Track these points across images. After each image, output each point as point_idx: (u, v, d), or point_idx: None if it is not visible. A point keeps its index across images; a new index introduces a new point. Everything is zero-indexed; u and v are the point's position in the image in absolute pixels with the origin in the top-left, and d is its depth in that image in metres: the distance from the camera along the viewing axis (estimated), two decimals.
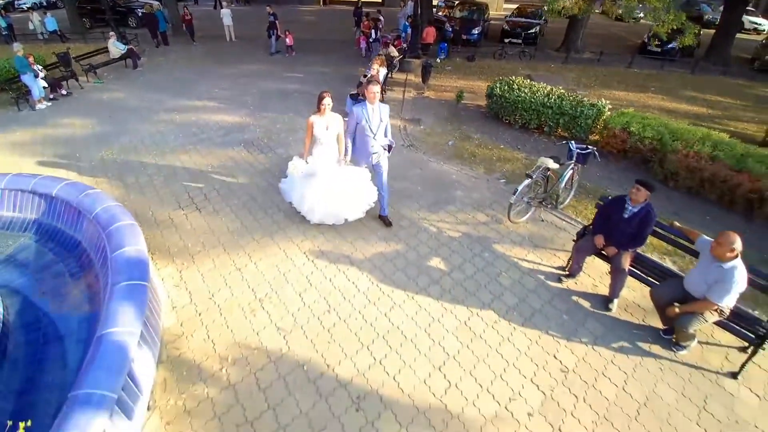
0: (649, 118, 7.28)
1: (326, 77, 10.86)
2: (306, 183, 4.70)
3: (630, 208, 4.03)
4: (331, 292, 4.10)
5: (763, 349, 3.54)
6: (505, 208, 5.24)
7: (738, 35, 15.73)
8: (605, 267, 4.39)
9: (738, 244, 3.32)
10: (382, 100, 4.71)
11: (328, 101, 4.48)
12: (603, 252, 4.16)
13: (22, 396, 3.04)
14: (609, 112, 7.50)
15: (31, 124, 7.75)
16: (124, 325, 2.90)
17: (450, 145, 7.37)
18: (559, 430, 3.05)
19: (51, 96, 9.11)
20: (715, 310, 3.49)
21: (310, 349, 3.51)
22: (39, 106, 8.60)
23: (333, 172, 4.66)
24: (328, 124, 4.54)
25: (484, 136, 7.88)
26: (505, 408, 3.16)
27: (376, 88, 4.42)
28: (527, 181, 4.82)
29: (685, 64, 14.34)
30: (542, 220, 5.37)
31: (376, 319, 3.84)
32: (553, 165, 4.94)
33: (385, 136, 4.71)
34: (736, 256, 3.36)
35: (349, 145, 4.69)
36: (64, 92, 9.78)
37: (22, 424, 1.94)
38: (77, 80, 10.26)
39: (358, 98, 7.82)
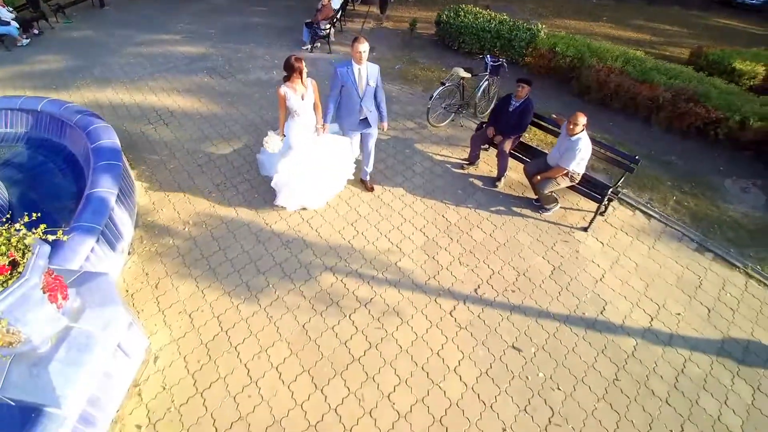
0: (576, 39, 8.01)
1: (291, 10, 11.24)
2: (285, 163, 4.29)
3: (514, 102, 4.98)
4: None
5: (606, 207, 4.65)
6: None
7: None
8: None
9: (582, 120, 4.31)
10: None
11: (303, 67, 3.85)
12: (494, 141, 5.14)
13: None
14: (544, 36, 8.18)
15: (9, 63, 8.31)
16: (104, 187, 3.89)
17: (396, 69, 8.12)
18: (433, 258, 4.18)
19: (24, 36, 9.54)
20: (566, 175, 4.54)
21: (254, 215, 4.56)
22: (21, 42, 9.07)
23: (312, 150, 4.28)
24: (303, 93, 3.98)
25: (430, 60, 8.61)
26: (396, 246, 4.29)
27: (362, 47, 3.83)
28: (441, 88, 5.70)
29: None
30: (461, 126, 6.32)
31: None
32: (464, 74, 5.80)
33: (377, 103, 4.31)
34: (582, 131, 4.36)
35: (331, 109, 4.22)
36: (35, 32, 10.15)
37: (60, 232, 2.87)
38: (47, 20, 10.56)
39: (313, 25, 8.45)
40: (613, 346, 3.56)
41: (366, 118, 4.30)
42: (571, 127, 4.32)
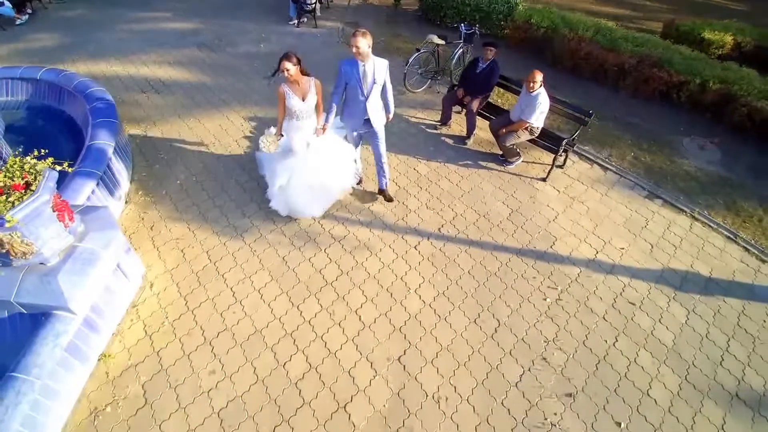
0: (552, 12, 8.33)
1: None
2: (284, 167, 4.10)
3: (481, 65, 5.36)
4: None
5: (564, 159, 5.06)
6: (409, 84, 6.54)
7: None
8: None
9: (539, 78, 4.69)
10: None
11: (287, 67, 3.49)
12: (463, 101, 5.53)
13: None
14: (522, 9, 8.48)
15: (4, 42, 8.61)
16: (103, 140, 4.29)
17: (380, 42, 8.45)
18: (403, 203, 4.61)
19: (21, 15, 9.80)
20: (526, 129, 4.94)
21: (240, 170, 4.97)
22: (19, 21, 9.35)
23: (310, 156, 4.04)
24: (304, 93, 3.72)
25: (412, 34, 8.92)
26: (370, 193, 4.70)
27: (360, 42, 3.49)
28: (416, 54, 6.07)
29: None
30: (437, 92, 6.69)
31: None
32: (438, 41, 6.16)
33: (384, 97, 4.04)
34: (540, 87, 4.74)
35: (333, 108, 3.97)
36: (29, 11, 10.41)
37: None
38: (41, 0, 10.81)
39: (299, 1, 8.73)
40: (558, 273, 4.01)
41: (370, 118, 3.98)
42: (531, 84, 4.71)
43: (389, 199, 4.56)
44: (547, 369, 3.29)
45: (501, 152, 5.32)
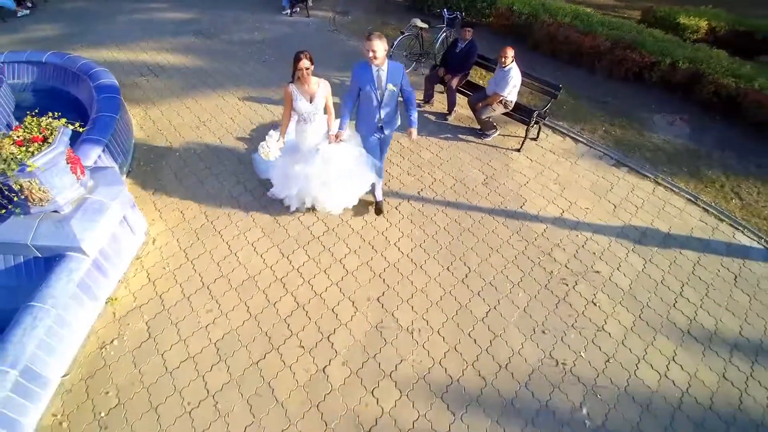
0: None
1: None
2: (290, 163, 3.97)
3: (460, 45, 5.72)
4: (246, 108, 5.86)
5: (538, 132, 5.43)
6: None
7: None
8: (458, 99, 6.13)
9: (510, 53, 5.05)
10: None
11: (305, 65, 3.41)
12: (444, 79, 5.89)
13: None
14: None
15: (6, 33, 8.93)
16: (107, 112, 4.64)
17: (369, 30, 8.79)
18: (387, 171, 4.97)
19: (22, 7, 10.12)
20: (500, 102, 5.31)
21: (236, 143, 5.32)
22: (21, 12, 9.66)
23: (323, 166, 3.89)
24: (312, 94, 3.61)
25: (400, 22, 9.24)
26: None
27: (377, 46, 3.30)
28: (400, 37, 6.43)
29: None
30: (422, 74, 7.05)
31: None
32: (421, 24, 6.52)
33: (407, 107, 3.84)
34: (512, 62, 5.10)
35: (347, 115, 3.77)
36: (30, 4, 10.73)
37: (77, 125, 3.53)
38: None
39: None
40: (526, 229, 4.39)
41: (383, 125, 3.85)
42: (503, 59, 5.08)
43: (378, 211, 4.39)
44: (512, 307, 3.66)
45: (479, 126, 5.68)
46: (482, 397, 3.08)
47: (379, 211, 4.36)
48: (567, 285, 3.88)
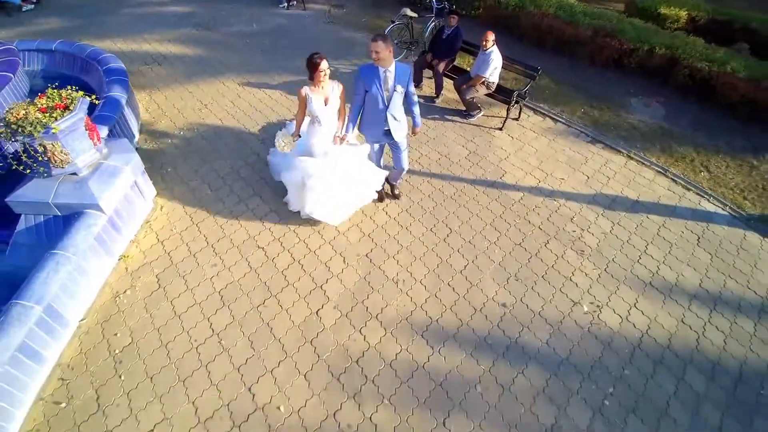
0: None
1: None
2: (301, 162, 3.88)
3: (446, 31, 6.10)
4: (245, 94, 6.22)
5: (519, 112, 5.80)
6: None
7: None
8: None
9: (491, 37, 5.42)
10: None
11: (325, 66, 3.46)
12: (432, 63, 6.26)
13: None
14: None
15: (12, 26, 9.30)
16: (117, 93, 5.01)
17: (363, 21, 9.18)
18: None
19: (28, 2, 10.47)
20: (483, 84, 5.68)
21: (236, 122, 5.69)
22: (26, 7, 10.02)
23: (330, 168, 3.82)
24: (327, 96, 3.62)
25: (394, 14, 9.62)
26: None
27: (380, 46, 3.34)
28: (391, 26, 6.80)
29: None
30: (412, 61, 7.41)
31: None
32: (411, 13, 6.90)
33: (410, 108, 3.84)
34: (493, 45, 5.48)
35: (355, 118, 3.79)
36: (34, 0, 11.08)
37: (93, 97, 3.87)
38: None
39: None
40: (504, 196, 4.76)
41: (390, 129, 3.77)
42: (484, 42, 5.46)
43: (383, 197, 4.40)
44: (488, 261, 4.04)
45: (464, 108, 6.05)
46: (458, 335, 3.45)
47: (387, 196, 4.42)
48: (539, 243, 4.25)
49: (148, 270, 3.83)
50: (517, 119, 5.97)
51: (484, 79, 5.58)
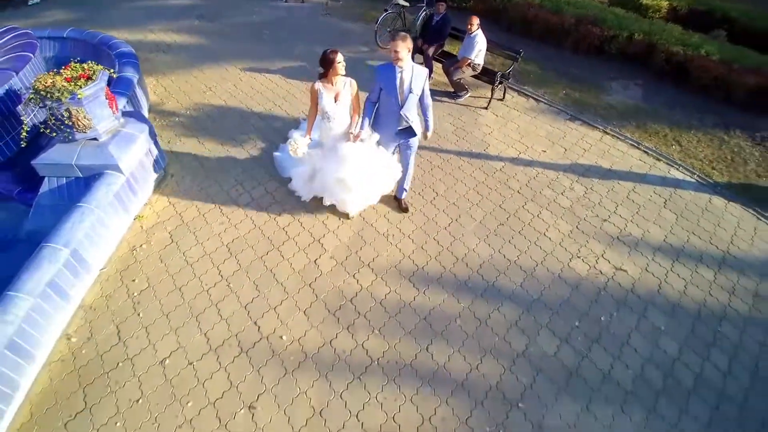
0: None
1: None
2: (316, 158, 4.00)
3: (436, 17, 6.51)
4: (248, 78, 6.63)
5: (503, 92, 6.22)
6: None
7: None
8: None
9: (476, 21, 5.84)
10: None
11: (341, 59, 3.50)
12: (422, 48, 6.67)
13: None
14: None
15: (19, 19, 9.67)
16: (129, 73, 5.41)
17: (358, 13, 9.61)
18: None
19: None
20: (468, 65, 6.09)
21: (239, 103, 6.09)
22: (32, 1, 10.41)
23: (339, 163, 3.86)
24: (337, 93, 3.65)
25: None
26: None
27: (399, 46, 3.40)
28: (384, 14, 7.22)
29: None
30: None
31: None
32: (403, 2, 7.31)
33: (423, 111, 3.86)
34: (477, 29, 5.89)
35: (369, 115, 3.80)
36: None
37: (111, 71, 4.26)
38: None
39: None
40: (487, 165, 5.17)
41: (405, 128, 3.83)
42: (469, 27, 5.88)
43: (405, 209, 4.38)
44: (470, 219, 4.44)
45: (453, 89, 6.46)
46: (441, 279, 3.86)
47: (403, 209, 4.39)
48: (517, 205, 4.66)
49: (161, 228, 4.23)
50: (501, 100, 6.38)
51: (470, 61, 5.99)
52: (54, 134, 3.86)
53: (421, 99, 3.76)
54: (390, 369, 3.21)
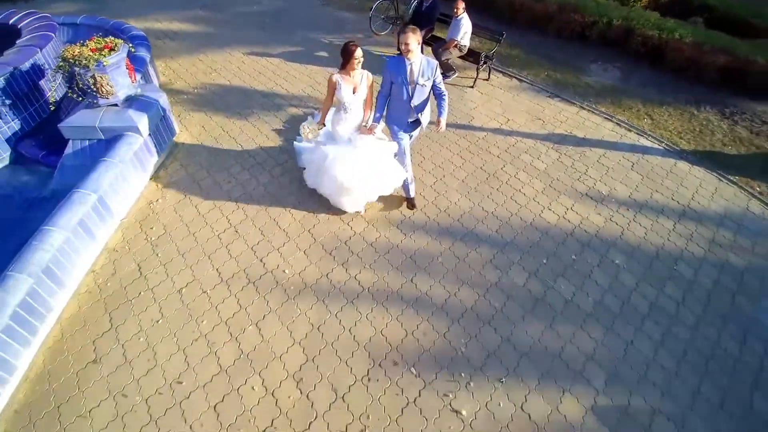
0: None
1: None
2: (321, 150, 4.07)
3: (425, 3, 7.01)
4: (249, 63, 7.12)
5: (488, 72, 6.71)
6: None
7: None
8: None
9: (461, 5, 6.33)
10: None
11: (359, 54, 3.58)
12: None
13: None
14: None
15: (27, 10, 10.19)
16: (142, 53, 5.90)
17: (354, 2, 10.11)
18: None
19: None
20: (455, 47, 6.59)
21: (242, 82, 6.58)
22: None
23: (352, 156, 3.93)
24: (355, 85, 3.72)
25: None
26: None
27: (410, 39, 3.48)
28: (378, 2, 7.72)
29: None
30: (398, 32, 8.34)
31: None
32: None
33: (438, 99, 3.92)
34: (463, 12, 6.38)
35: (382, 108, 3.91)
36: None
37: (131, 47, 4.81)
38: None
39: None
40: (470, 135, 5.65)
41: (416, 119, 3.97)
42: (455, 10, 6.37)
43: (412, 206, 4.43)
44: (453, 179, 4.92)
45: (441, 70, 6.94)
46: (426, 227, 4.34)
47: (412, 206, 4.42)
48: (496, 167, 5.14)
49: (174, 186, 4.71)
50: (487, 80, 6.88)
51: (456, 42, 6.48)
52: (80, 99, 4.33)
53: (434, 88, 3.86)
54: (379, 295, 3.69)
